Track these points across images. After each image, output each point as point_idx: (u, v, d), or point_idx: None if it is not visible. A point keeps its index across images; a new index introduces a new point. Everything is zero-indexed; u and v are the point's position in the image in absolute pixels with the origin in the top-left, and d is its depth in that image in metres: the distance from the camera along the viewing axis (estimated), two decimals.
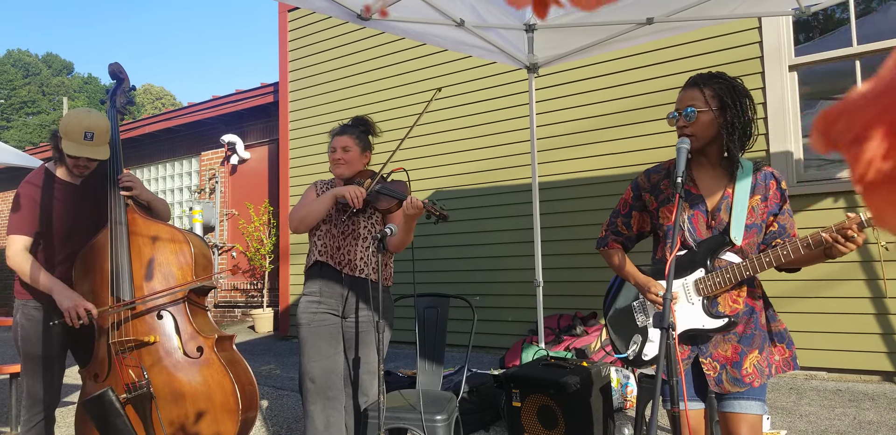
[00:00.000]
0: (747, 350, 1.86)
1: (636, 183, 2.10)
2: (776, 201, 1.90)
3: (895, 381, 4.16)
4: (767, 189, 1.90)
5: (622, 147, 5.31)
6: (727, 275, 1.82)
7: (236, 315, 9.11)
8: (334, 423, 2.58)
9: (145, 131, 9.83)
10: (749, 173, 1.90)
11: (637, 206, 2.10)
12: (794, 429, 3.34)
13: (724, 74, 1.93)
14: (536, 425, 3.00)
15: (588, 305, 5.25)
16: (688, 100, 1.89)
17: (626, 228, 2.12)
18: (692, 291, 1.89)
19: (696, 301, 1.88)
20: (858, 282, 4.29)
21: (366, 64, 7.05)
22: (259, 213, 8.60)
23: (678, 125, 1.90)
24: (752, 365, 1.85)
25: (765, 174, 1.92)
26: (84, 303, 2.52)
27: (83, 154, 2.62)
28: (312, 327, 2.65)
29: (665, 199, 2.00)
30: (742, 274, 1.80)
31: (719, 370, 1.87)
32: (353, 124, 2.86)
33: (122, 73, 2.95)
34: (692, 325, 1.87)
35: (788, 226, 1.89)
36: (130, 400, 2.49)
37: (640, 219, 2.10)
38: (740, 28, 4.84)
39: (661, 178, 2.04)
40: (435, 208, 2.44)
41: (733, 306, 1.89)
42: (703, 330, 1.86)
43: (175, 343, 2.60)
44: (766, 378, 1.85)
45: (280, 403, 4.47)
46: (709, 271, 1.87)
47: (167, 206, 2.98)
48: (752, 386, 1.83)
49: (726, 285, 1.84)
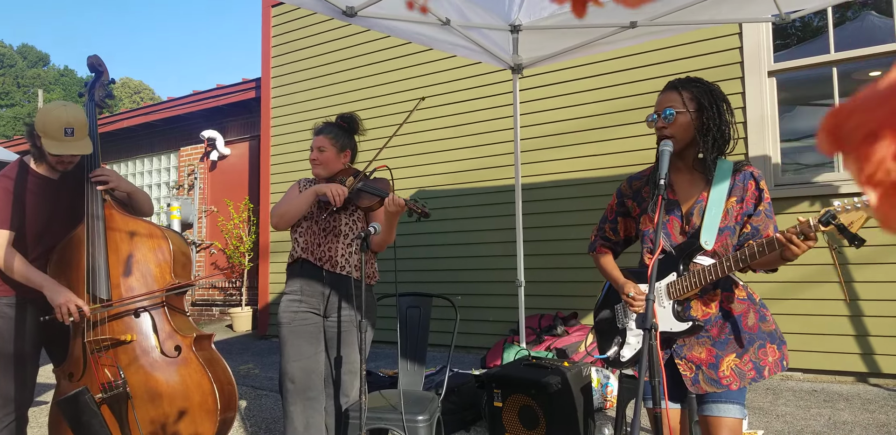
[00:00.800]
0: (723, 354, 1.87)
1: (619, 190, 2.17)
2: (752, 202, 1.89)
3: (869, 382, 4.24)
4: (745, 190, 1.90)
5: (605, 149, 5.34)
6: (694, 279, 1.83)
7: (214, 314, 9.01)
8: (314, 424, 2.56)
9: (123, 126, 9.68)
10: (728, 175, 1.90)
11: (621, 212, 2.16)
12: (771, 429, 3.38)
13: (702, 79, 1.96)
14: (518, 425, 3.00)
15: (569, 305, 5.27)
16: (666, 102, 1.92)
17: (613, 233, 2.18)
18: (664, 294, 1.91)
19: (666, 305, 1.90)
20: (833, 284, 4.35)
21: (350, 61, 7.01)
22: (239, 211, 8.52)
23: (657, 126, 1.93)
24: (729, 368, 1.85)
25: (744, 175, 1.92)
26: (76, 299, 2.47)
27: (67, 151, 2.54)
28: (293, 327, 2.62)
29: (646, 206, 2.03)
30: (706, 278, 1.81)
31: (695, 371, 1.88)
32: (335, 122, 2.83)
33: (102, 66, 2.90)
34: (662, 328, 1.89)
35: (762, 227, 1.88)
36: (106, 400, 2.45)
37: (625, 224, 2.16)
38: (721, 33, 4.89)
39: (643, 184, 2.09)
40: (416, 206, 2.44)
41: (705, 310, 1.90)
42: (671, 333, 1.88)
43: (152, 342, 2.56)
44: (747, 382, 1.85)
45: (259, 403, 4.43)
46: (679, 275, 1.88)
47: (149, 198, 2.93)
48: (730, 388, 1.84)
49: (694, 289, 1.85)
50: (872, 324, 4.24)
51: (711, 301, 1.90)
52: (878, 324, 4.22)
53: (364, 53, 6.89)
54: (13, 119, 38.22)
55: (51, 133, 2.52)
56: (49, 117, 2.52)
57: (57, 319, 2.44)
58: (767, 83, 4.72)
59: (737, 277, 1.95)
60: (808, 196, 4.45)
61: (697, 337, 1.89)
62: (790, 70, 4.72)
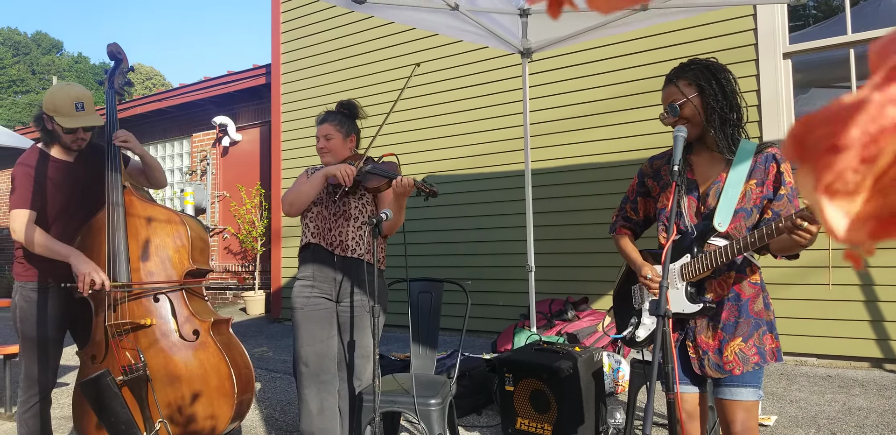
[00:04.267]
0: (729, 338, 1.88)
1: (641, 170, 2.18)
2: (773, 186, 1.85)
3: (884, 367, 4.23)
4: (766, 173, 1.86)
5: (616, 133, 5.31)
6: (706, 261, 1.84)
7: (228, 297, 9.11)
8: (328, 407, 2.60)
9: (136, 112, 9.73)
10: (749, 156, 1.87)
11: (642, 192, 2.17)
12: (784, 414, 3.39)
13: (696, 59, 1.95)
14: (529, 409, 3.04)
15: (579, 290, 5.29)
16: (668, 97, 1.94)
17: (633, 213, 2.20)
18: (677, 276, 1.92)
19: (680, 286, 1.91)
20: (848, 269, 4.34)
21: (359, 47, 6.99)
22: (251, 196, 8.57)
23: (668, 122, 1.96)
24: (733, 353, 1.86)
25: (766, 157, 1.88)
26: (101, 272, 2.52)
27: (81, 124, 2.63)
28: (306, 311, 2.65)
29: (665, 184, 2.05)
30: (717, 259, 1.81)
31: (702, 356, 1.90)
32: (337, 110, 2.85)
33: (121, 54, 2.92)
34: (675, 309, 1.90)
35: (783, 212, 1.83)
36: (127, 382, 2.50)
37: (645, 204, 2.18)
38: (735, 15, 4.83)
39: (663, 163, 2.11)
40: (424, 185, 2.47)
41: (719, 292, 1.91)
42: (683, 314, 1.90)
43: (171, 326, 2.60)
44: (750, 366, 1.85)
45: (273, 385, 4.50)
46: (694, 257, 1.89)
47: (162, 168, 3.00)
48: (733, 373, 1.85)
49: (706, 270, 1.85)
50: (888, 309, 4.22)
51: (726, 282, 1.91)
52: (893, 309, 4.20)
53: (372, 39, 6.87)
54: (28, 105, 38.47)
55: (62, 110, 2.61)
56: (58, 95, 2.62)
57: (78, 287, 2.48)
58: (782, 65, 4.66)
59: (755, 261, 1.93)
60: None
61: (707, 320, 1.90)
62: (806, 52, 4.66)
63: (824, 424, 3.21)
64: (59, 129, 2.67)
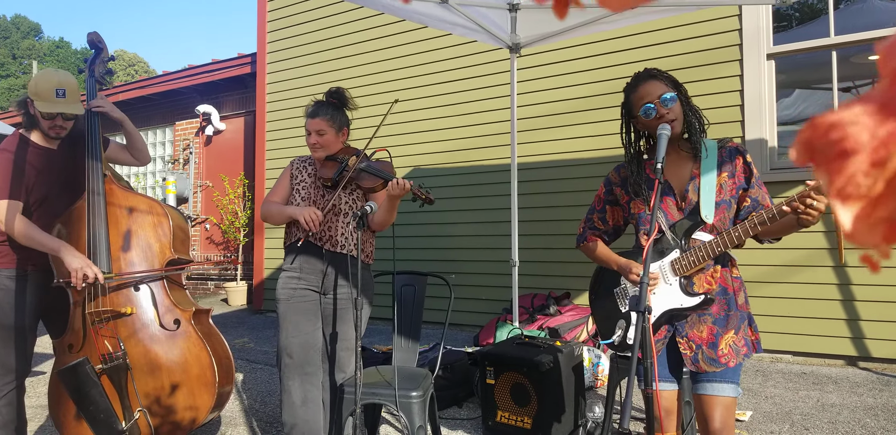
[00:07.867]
0: (722, 331, 1.91)
1: (608, 178, 2.18)
2: (744, 175, 1.95)
3: (858, 365, 4.31)
4: (734, 166, 1.96)
5: (602, 129, 5.34)
6: (700, 253, 1.87)
7: (209, 288, 9.05)
8: (311, 398, 2.61)
9: (119, 99, 9.60)
10: (714, 151, 1.96)
11: (610, 200, 2.18)
12: (760, 410, 3.45)
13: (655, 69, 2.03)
14: (509, 402, 3.06)
15: (562, 285, 5.33)
16: (657, 90, 1.93)
17: (601, 222, 2.20)
18: (668, 271, 1.94)
19: (672, 281, 1.93)
20: (826, 268, 4.41)
21: (346, 38, 6.95)
22: (234, 186, 8.51)
23: (660, 114, 1.92)
24: (727, 345, 1.90)
25: (730, 150, 1.98)
26: (93, 266, 2.50)
27: (58, 110, 2.60)
28: (292, 303, 2.65)
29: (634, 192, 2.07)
30: (714, 250, 1.85)
31: (695, 350, 1.92)
32: (326, 100, 2.78)
33: (101, 43, 2.90)
34: (671, 305, 1.92)
35: (760, 198, 1.94)
36: (106, 370, 2.48)
37: (613, 213, 2.19)
38: (721, 15, 4.86)
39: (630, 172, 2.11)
40: (421, 191, 2.44)
41: (707, 287, 1.94)
42: (680, 309, 1.91)
43: (152, 315, 2.59)
44: (741, 358, 1.90)
45: (254, 376, 4.49)
46: (683, 251, 1.92)
47: (141, 137, 2.98)
48: (728, 366, 1.88)
49: (700, 263, 1.88)
50: (864, 308, 4.30)
51: (713, 277, 1.94)
52: (869, 308, 4.28)
53: (360, 30, 6.83)
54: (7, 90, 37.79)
55: (43, 95, 2.59)
56: (42, 80, 2.60)
57: (72, 283, 2.47)
58: (766, 66, 4.71)
59: (733, 255, 1.99)
60: (804, 180, 4.47)
61: (699, 314, 1.93)
62: (789, 53, 4.71)
63: (798, 419, 3.27)
64: (38, 114, 2.65)
